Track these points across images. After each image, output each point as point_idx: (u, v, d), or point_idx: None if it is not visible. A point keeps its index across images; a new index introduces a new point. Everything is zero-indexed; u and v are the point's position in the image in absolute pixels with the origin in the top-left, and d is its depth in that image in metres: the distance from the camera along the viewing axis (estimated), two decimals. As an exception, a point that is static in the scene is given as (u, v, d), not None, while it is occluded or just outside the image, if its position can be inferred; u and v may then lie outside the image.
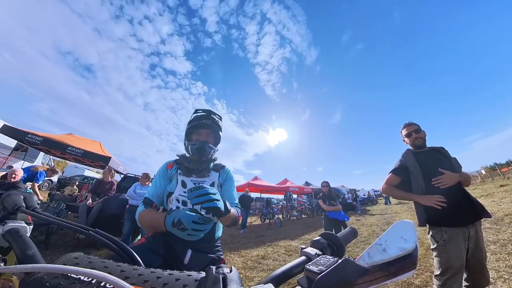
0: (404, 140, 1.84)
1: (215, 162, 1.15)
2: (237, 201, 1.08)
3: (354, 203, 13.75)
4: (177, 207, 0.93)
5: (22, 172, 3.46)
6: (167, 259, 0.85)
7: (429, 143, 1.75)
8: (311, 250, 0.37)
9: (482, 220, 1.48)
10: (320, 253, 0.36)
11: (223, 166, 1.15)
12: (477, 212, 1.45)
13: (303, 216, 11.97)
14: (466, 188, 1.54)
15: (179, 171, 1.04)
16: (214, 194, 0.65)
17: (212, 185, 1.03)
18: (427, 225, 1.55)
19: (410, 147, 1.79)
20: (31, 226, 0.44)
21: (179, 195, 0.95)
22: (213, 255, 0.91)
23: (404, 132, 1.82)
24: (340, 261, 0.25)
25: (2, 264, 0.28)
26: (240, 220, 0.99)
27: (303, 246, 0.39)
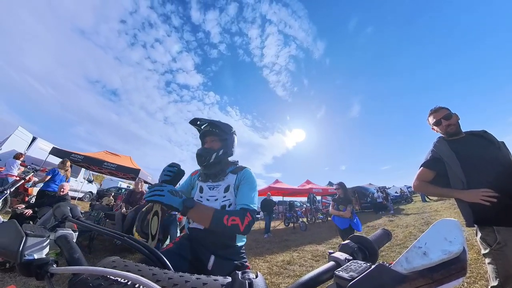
0: (433, 129, 1.59)
1: (237, 165, 1.14)
2: (251, 203, 0.94)
3: (385, 202, 12.68)
4: None
5: (68, 186, 4.02)
6: (193, 263, 0.89)
7: (467, 127, 1.48)
8: (341, 255, 0.34)
9: None
10: (351, 258, 0.34)
11: (243, 168, 1.12)
12: None
13: (329, 218, 11.42)
14: None
15: (199, 178, 1.14)
16: (162, 190, 0.79)
17: (227, 188, 1.04)
18: (475, 225, 1.30)
19: (442, 135, 1.55)
20: (77, 233, 0.51)
21: (197, 199, 1.04)
22: (236, 262, 0.91)
23: (431, 119, 1.56)
24: (373, 266, 0.23)
25: (55, 266, 0.34)
26: (245, 226, 0.85)
27: (331, 251, 0.36)
